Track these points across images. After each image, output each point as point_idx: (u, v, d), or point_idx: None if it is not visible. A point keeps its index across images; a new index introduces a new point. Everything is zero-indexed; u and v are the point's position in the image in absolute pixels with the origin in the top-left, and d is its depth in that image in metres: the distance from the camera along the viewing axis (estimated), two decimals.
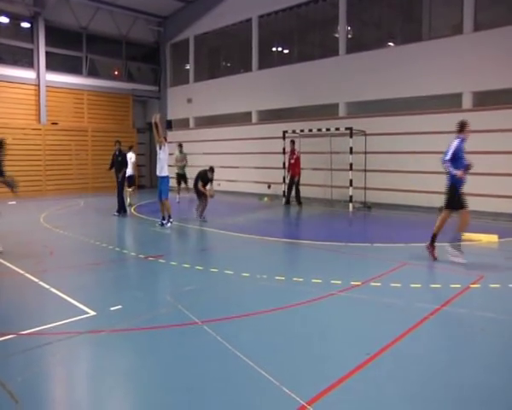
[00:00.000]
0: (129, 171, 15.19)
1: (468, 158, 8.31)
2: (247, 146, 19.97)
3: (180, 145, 18.41)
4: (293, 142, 16.49)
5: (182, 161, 18.12)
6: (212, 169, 12.51)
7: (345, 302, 5.82)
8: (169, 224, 11.37)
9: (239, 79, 20.77)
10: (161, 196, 11.37)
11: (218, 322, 5.08)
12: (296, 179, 16.34)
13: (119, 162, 13.91)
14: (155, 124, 11.49)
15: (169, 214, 11.45)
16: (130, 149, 16.50)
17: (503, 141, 12.77)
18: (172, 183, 15.10)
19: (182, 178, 18.11)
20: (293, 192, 16.54)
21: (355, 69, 16.13)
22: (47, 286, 6.40)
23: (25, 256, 8.49)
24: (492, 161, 12.95)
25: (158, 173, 11.45)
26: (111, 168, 14.31)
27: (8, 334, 4.74)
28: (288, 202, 16.58)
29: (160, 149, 11.38)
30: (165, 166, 11.42)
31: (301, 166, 16.62)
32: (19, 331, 4.81)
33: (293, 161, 16.32)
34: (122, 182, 14.03)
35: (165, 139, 11.76)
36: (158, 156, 11.48)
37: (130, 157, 15.79)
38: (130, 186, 16.14)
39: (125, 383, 3.98)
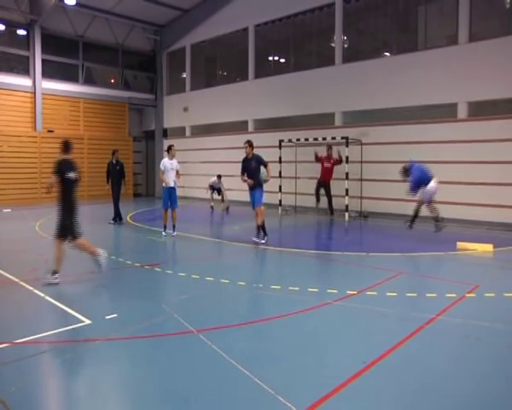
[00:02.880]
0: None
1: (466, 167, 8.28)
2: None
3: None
4: (330, 147, 15.46)
5: None
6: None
7: (341, 311, 5.81)
8: (175, 233, 11.62)
9: (235, 88, 20.84)
10: (174, 205, 11.73)
11: (214, 331, 5.06)
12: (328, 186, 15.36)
13: (118, 172, 13.85)
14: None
15: (174, 224, 11.78)
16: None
17: (498, 151, 12.84)
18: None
19: None
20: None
21: (351, 79, 16.22)
22: (42, 294, 6.37)
23: (20, 264, 8.45)
24: (487, 170, 13.03)
25: (173, 184, 11.72)
26: (108, 180, 14.13)
27: (3, 343, 4.70)
28: (318, 200, 15.32)
29: (172, 159, 11.87)
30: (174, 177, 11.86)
31: (296, 175, 16.63)
32: (13, 340, 4.77)
33: (329, 165, 15.27)
34: (118, 190, 13.96)
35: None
36: (170, 168, 11.68)
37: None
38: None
39: (120, 393, 3.95)
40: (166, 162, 11.67)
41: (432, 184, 10.69)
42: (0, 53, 19.74)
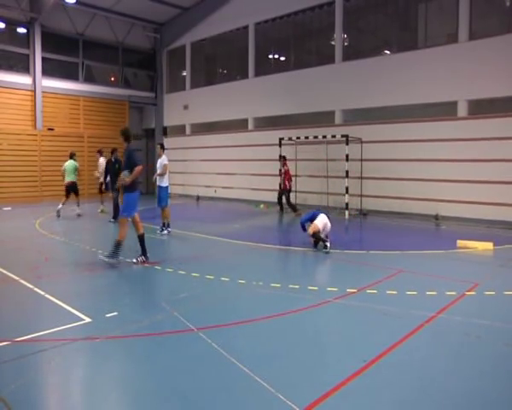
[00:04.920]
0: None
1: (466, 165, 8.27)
2: (243, 153, 20.00)
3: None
4: (282, 157, 16.36)
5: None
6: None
7: (341, 310, 5.81)
8: (165, 231, 11.51)
9: (235, 86, 20.82)
10: (161, 203, 11.61)
11: (214, 329, 5.07)
12: (285, 191, 16.17)
13: (116, 170, 13.88)
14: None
15: (168, 222, 11.65)
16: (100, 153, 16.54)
17: (498, 149, 12.84)
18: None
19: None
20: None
21: (351, 77, 16.21)
22: (42, 292, 6.37)
23: (20, 262, 8.44)
24: (487, 169, 13.03)
25: (158, 183, 11.69)
26: (106, 178, 14.34)
27: (3, 341, 4.71)
28: (281, 209, 16.43)
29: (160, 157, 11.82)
30: (165, 176, 11.66)
31: (296, 173, 16.66)
32: (13, 338, 4.77)
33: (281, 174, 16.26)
34: (118, 189, 13.96)
35: (163, 150, 11.91)
36: (157, 166, 11.79)
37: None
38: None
39: (120, 391, 3.95)
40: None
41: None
42: (0, 51, 19.71)
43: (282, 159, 16.31)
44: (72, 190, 15.11)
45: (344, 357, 4.45)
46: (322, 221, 9.55)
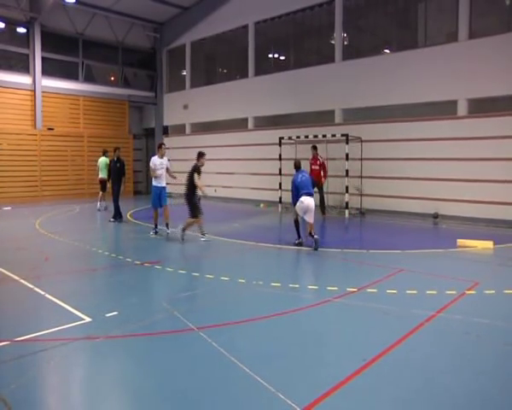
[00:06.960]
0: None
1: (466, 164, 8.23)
2: (243, 152, 19.99)
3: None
4: (314, 147, 15.21)
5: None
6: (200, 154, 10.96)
7: (341, 309, 5.81)
8: (169, 230, 11.30)
9: (235, 86, 20.81)
10: (163, 203, 11.41)
11: (214, 328, 5.07)
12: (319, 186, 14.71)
13: (118, 170, 13.93)
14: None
15: (157, 223, 11.53)
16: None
17: (498, 148, 12.82)
18: None
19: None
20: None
21: (351, 76, 16.19)
22: (42, 292, 6.37)
23: (20, 262, 8.45)
24: (487, 167, 13.01)
25: (164, 184, 11.50)
26: (109, 178, 14.45)
27: (3, 341, 4.71)
28: (324, 213, 15.01)
29: (162, 158, 11.58)
30: (164, 176, 11.56)
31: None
32: (13, 338, 4.78)
33: (317, 167, 14.92)
34: (118, 188, 13.98)
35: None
36: (160, 166, 11.52)
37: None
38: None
39: (120, 391, 3.95)
40: (156, 160, 11.48)
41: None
42: (0, 51, 19.71)
43: (314, 149, 15.14)
44: (101, 185, 16.32)
45: (344, 356, 4.45)
46: (302, 208, 9.56)
